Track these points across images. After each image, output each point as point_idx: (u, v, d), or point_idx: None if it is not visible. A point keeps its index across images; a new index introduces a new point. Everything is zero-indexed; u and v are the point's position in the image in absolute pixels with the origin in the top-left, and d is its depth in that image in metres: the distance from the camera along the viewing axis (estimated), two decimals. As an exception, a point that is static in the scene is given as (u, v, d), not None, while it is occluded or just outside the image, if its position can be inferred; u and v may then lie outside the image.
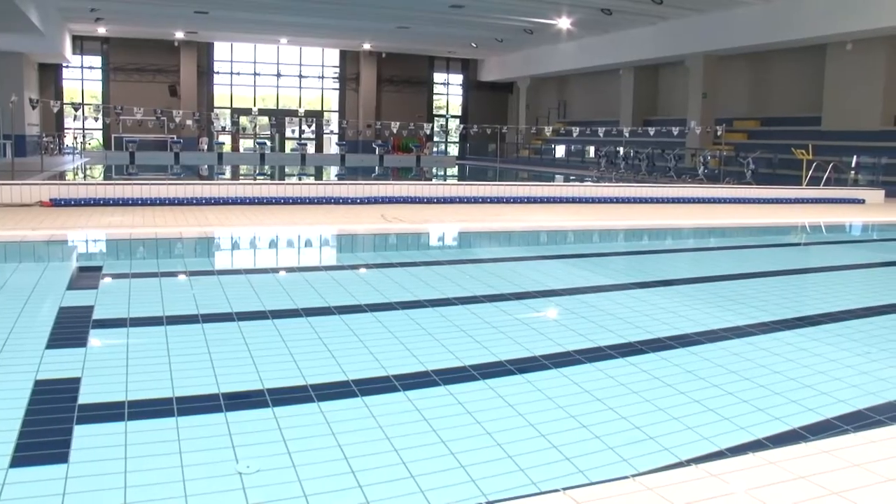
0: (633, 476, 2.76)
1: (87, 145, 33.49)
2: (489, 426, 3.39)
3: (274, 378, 3.96)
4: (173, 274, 7.12)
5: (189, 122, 28.29)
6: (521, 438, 3.28)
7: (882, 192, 19.07)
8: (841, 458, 2.98)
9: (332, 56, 42.28)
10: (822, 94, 26.87)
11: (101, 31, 33.21)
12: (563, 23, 29.61)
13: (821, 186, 19.40)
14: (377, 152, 29.85)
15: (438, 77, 45.34)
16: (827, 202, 17.63)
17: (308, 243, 9.52)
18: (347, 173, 24.81)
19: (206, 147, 31.39)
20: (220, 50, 39.83)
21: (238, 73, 40.56)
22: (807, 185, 19.69)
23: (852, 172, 22.47)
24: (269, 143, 33.93)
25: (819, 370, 4.43)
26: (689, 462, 2.98)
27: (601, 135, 27.71)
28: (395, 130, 29.24)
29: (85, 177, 20.29)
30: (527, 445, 3.21)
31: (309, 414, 3.51)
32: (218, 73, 40.01)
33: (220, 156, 29.67)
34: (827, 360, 4.67)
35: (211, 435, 3.23)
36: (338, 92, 42.80)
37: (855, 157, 22.57)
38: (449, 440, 3.23)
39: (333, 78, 42.70)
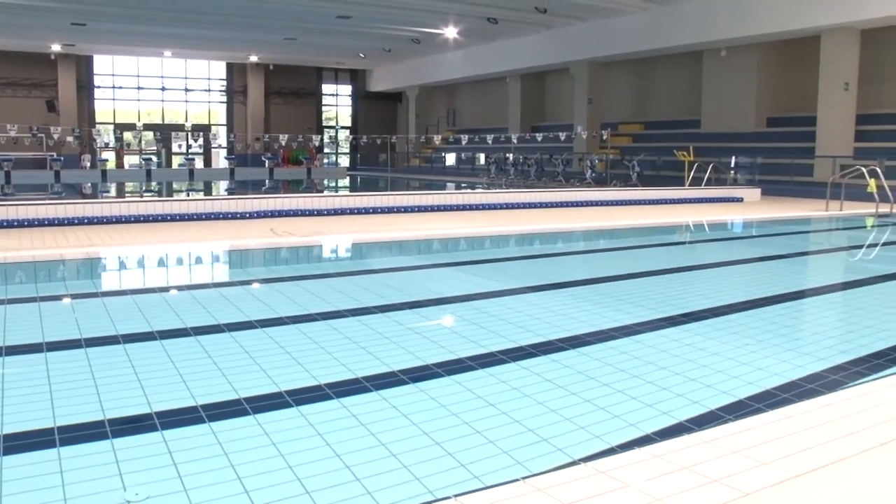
0: (524, 478, 2.81)
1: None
2: (384, 437, 3.39)
3: (162, 400, 3.85)
4: (54, 298, 6.84)
5: (69, 138, 27.28)
6: (415, 447, 3.29)
7: (758, 191, 19.98)
8: (721, 447, 3.10)
9: (219, 68, 41.57)
10: (701, 99, 27.97)
11: (-30, 44, 31.76)
12: (450, 32, 29.93)
13: (702, 186, 20.16)
14: (267, 165, 29.42)
15: (327, 88, 45.15)
16: (708, 201, 18.34)
17: (197, 260, 9.30)
18: (237, 187, 24.35)
19: (88, 164, 30.29)
20: (101, 63, 38.63)
21: (120, 87, 39.40)
22: (689, 186, 20.43)
23: (731, 172, 23.43)
24: (155, 158, 33.00)
25: (702, 364, 4.60)
26: (580, 461, 3.04)
27: (490, 142, 28.09)
28: (284, 143, 28.94)
29: (-44, 199, 19.26)
30: (422, 454, 3.22)
31: (200, 435, 3.43)
32: (99, 87, 38.80)
33: (104, 173, 28.67)
34: (710, 353, 4.85)
35: (96, 464, 3.11)
36: (225, 105, 42.08)
37: (733, 157, 23.55)
38: (344, 453, 3.21)
39: (220, 91, 41.97)
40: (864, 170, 15.99)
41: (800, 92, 24.94)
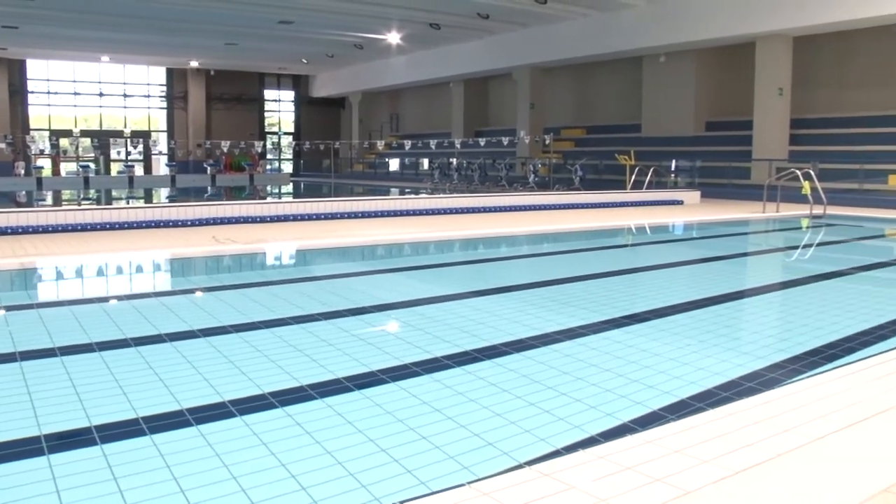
0: (470, 483, 2.82)
1: None
2: (329, 445, 3.36)
3: (102, 414, 3.77)
4: (-13, 310, 6.65)
5: (1, 145, 26.59)
6: (362, 455, 3.27)
7: (698, 193, 20.35)
8: (663, 447, 3.15)
9: (159, 74, 40.94)
10: (641, 103, 28.40)
11: None
12: (393, 38, 29.92)
13: (643, 190, 20.45)
14: (209, 172, 29.07)
15: (270, 94, 44.79)
16: (649, 204, 18.62)
17: (137, 269, 9.13)
18: (178, 195, 24.00)
19: (22, 172, 29.53)
20: (35, 68, 37.71)
21: (56, 93, 38.51)
22: (630, 189, 20.72)
23: (672, 175, 23.82)
24: (93, 165, 32.37)
25: (645, 365, 4.67)
26: (525, 464, 3.06)
27: (433, 147, 28.13)
28: (226, 149, 28.62)
29: None
30: (368, 461, 3.21)
31: (141, 448, 3.36)
32: (33, 92, 37.89)
33: (40, 181, 27.97)
34: (652, 354, 4.93)
35: (32, 481, 3.03)
36: (165, 111, 41.44)
37: (673, 161, 23.96)
38: (289, 462, 3.18)
39: (160, 97, 41.34)
40: (798, 172, 16.40)
41: (737, 97, 25.48)
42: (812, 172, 16.39)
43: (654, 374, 4.49)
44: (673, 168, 23.95)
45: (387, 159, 39.82)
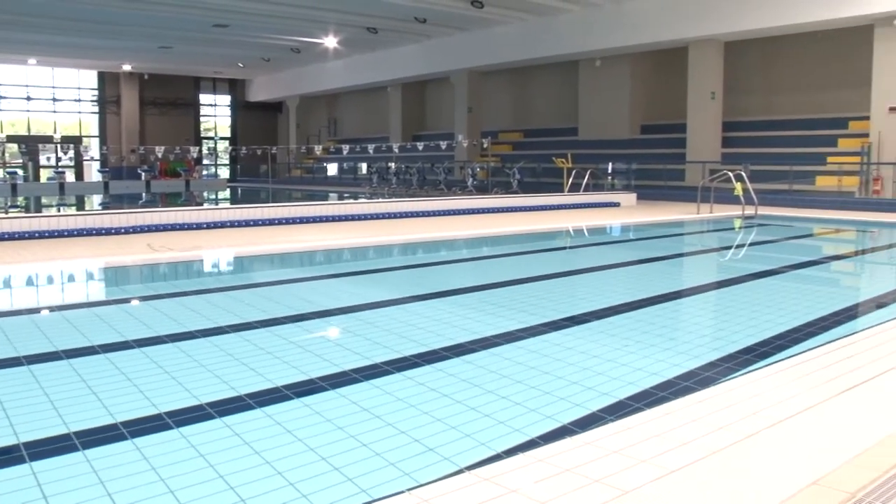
0: (410, 490, 2.81)
1: None
2: (268, 455, 3.32)
3: (31, 430, 3.66)
4: None
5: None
6: (301, 464, 3.24)
7: (634, 196, 20.67)
8: (602, 447, 3.19)
9: (90, 77, 40.01)
10: (578, 107, 28.74)
11: None
12: (330, 42, 29.79)
13: (580, 192, 20.69)
14: (143, 178, 28.51)
15: (205, 98, 44.17)
16: (587, 207, 18.85)
17: (69, 279, 8.90)
18: (112, 202, 23.49)
19: (-56, 179, 28.58)
20: (-43, 72, 36.59)
21: (-20, 98, 37.40)
22: (568, 192, 20.94)
23: (608, 178, 24.15)
24: (21, 172, 31.44)
25: (584, 366, 4.71)
26: (466, 469, 3.06)
27: (371, 151, 28.07)
28: (161, 155, 28.11)
29: None
30: (308, 470, 3.17)
31: (74, 464, 3.27)
32: (-45, 97, 36.73)
33: (-38, 189, 27.08)
34: (591, 356, 4.98)
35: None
36: (97, 116, 40.53)
37: (610, 163, 24.29)
38: (227, 474, 3.13)
39: (92, 101, 40.42)
40: (730, 174, 16.78)
41: (671, 100, 25.97)
42: (744, 174, 16.78)
43: (593, 375, 4.54)
44: (609, 171, 24.29)
45: (325, 164, 39.59)
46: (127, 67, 37.95)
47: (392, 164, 28.71)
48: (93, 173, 38.32)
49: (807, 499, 2.72)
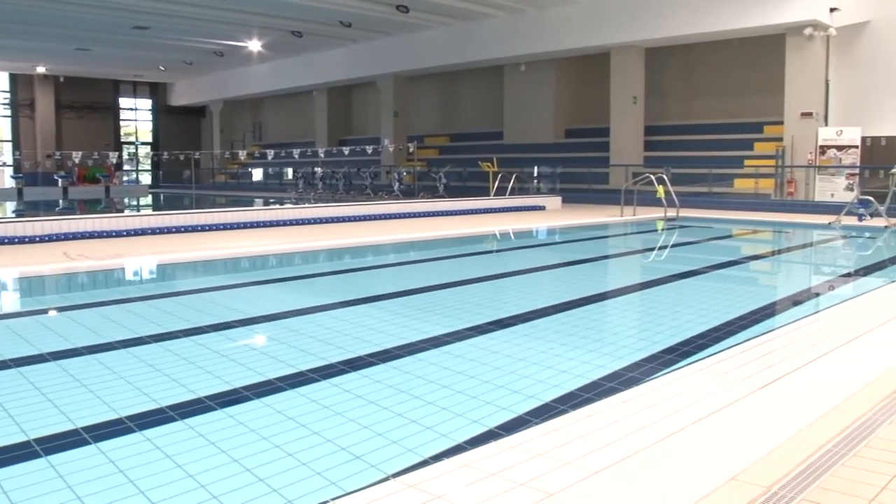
0: (333, 499, 2.78)
1: None
2: (191, 468, 3.25)
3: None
4: None
5: None
6: (225, 476, 3.18)
7: (559, 199, 20.92)
8: (527, 451, 3.21)
9: (1, 80, 38.68)
10: (503, 111, 28.97)
11: None
12: (254, 45, 29.44)
13: (506, 196, 20.85)
14: (60, 184, 27.69)
15: (125, 102, 43.15)
16: (513, 210, 18.99)
17: (-20, 290, 8.58)
18: (27, 209, 22.73)
19: None
20: None
21: None
22: (494, 196, 21.07)
23: (534, 182, 24.41)
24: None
25: (510, 370, 4.74)
26: (392, 476, 3.05)
27: (297, 156, 27.83)
28: (78, 160, 27.35)
29: None
30: (232, 482, 3.11)
31: (-17, 483, 3.15)
32: None
33: None
34: (517, 359, 5.01)
35: None
36: (10, 119, 39.21)
37: (535, 167, 24.55)
38: (149, 489, 3.05)
39: (3, 104, 39.05)
40: (652, 177, 17.12)
41: (594, 105, 26.39)
42: (665, 177, 17.15)
43: (519, 378, 4.57)
44: (535, 174, 24.55)
45: (250, 169, 39.09)
46: (41, 69, 36.81)
47: (318, 169, 28.50)
48: (5, 179, 37.04)
49: (726, 494, 2.78)
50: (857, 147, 19.14)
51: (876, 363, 4.59)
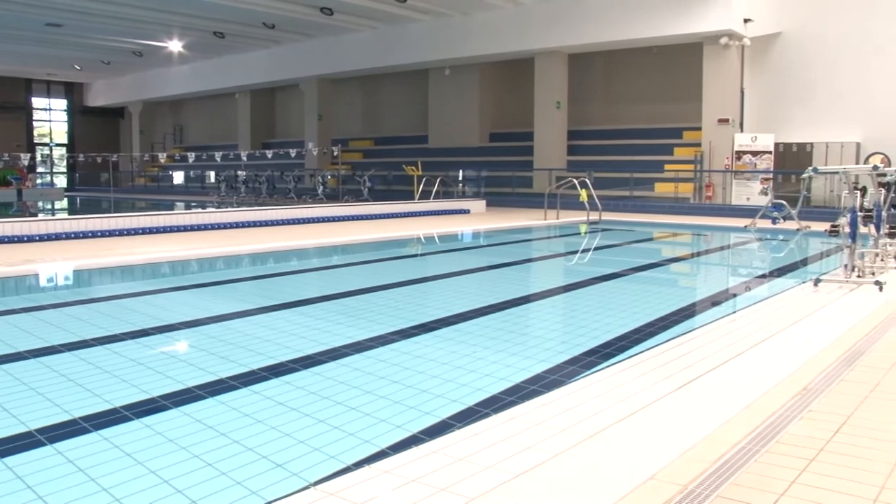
0: (252, 510, 2.74)
1: None
2: (106, 481, 3.15)
3: None
4: None
5: None
6: (142, 488, 3.09)
7: (484, 202, 21.06)
8: (449, 455, 3.20)
9: None
10: (428, 115, 29.03)
11: None
12: (175, 45, 28.88)
13: (431, 200, 20.88)
14: (-32, 188, 26.63)
15: (39, 101, 41.80)
16: (437, 214, 19.03)
17: None
18: (-68, 213, 21.81)
19: None
20: None
21: None
22: (419, 199, 21.08)
23: (459, 185, 24.51)
24: None
25: (433, 374, 4.74)
26: (312, 485, 3.01)
27: (219, 159, 27.37)
28: (-12, 162, 26.37)
29: None
30: (149, 495, 3.03)
31: None
32: None
33: None
34: (440, 363, 5.01)
35: None
36: (-87, 120, 37.61)
37: (460, 171, 24.65)
38: None
39: None
40: (575, 181, 17.37)
41: (518, 109, 26.65)
42: (588, 181, 17.42)
43: (442, 382, 4.57)
44: (460, 178, 24.66)
45: (171, 172, 38.28)
46: (-54, 67, 35.44)
47: (241, 173, 28.09)
48: None
49: (645, 493, 2.83)
50: (770, 153, 19.78)
51: (788, 362, 4.73)
